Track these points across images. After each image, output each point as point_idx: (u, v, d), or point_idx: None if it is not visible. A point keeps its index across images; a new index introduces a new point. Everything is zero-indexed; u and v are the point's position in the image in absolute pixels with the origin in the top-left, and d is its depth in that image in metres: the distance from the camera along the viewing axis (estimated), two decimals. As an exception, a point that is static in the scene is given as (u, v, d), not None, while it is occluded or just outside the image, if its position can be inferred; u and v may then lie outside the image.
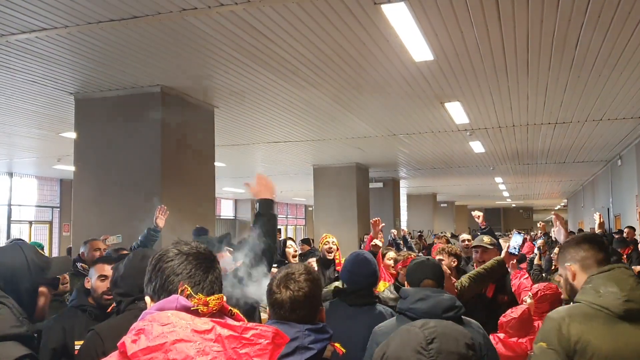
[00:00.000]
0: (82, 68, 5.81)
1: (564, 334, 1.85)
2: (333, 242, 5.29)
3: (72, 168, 6.97)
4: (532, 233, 24.95)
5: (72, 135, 6.98)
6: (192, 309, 1.21)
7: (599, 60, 5.88)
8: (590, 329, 1.84)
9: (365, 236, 12.40)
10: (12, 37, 4.80)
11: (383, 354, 1.37)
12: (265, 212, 2.68)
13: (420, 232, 18.80)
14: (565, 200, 31.21)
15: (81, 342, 2.89)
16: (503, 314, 3.52)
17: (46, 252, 15.58)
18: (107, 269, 3.03)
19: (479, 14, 4.56)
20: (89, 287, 3.09)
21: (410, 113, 8.32)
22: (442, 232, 13.18)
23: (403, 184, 19.18)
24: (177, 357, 1.08)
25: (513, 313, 3.50)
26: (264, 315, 3.27)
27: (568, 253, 2.09)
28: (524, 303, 3.80)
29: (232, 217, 25.70)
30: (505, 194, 25.43)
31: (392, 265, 5.12)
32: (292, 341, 1.72)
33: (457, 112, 8.12)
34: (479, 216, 5.25)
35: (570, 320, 1.87)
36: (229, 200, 25.51)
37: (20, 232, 15.22)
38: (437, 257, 4.50)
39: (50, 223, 16.43)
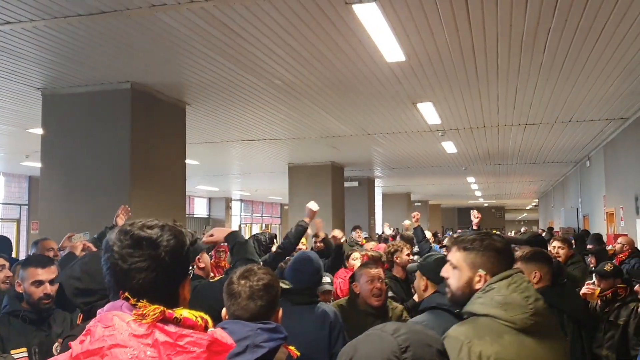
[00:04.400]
0: (49, 63, 5.70)
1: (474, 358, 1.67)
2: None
3: (40, 165, 6.83)
4: (503, 232, 25.38)
5: (40, 131, 6.84)
6: (132, 320, 1.15)
7: (567, 63, 5.99)
8: (503, 348, 1.70)
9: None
10: (-25, 30, 4.68)
11: (350, 358, 1.32)
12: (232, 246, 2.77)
13: (395, 229, 18.91)
14: (537, 200, 31.76)
15: (20, 350, 2.81)
16: None
17: (13, 252, 15.20)
18: (41, 273, 2.90)
19: (449, 16, 4.61)
20: (20, 291, 2.93)
21: (383, 113, 8.37)
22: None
23: (378, 183, 19.30)
24: None
25: None
26: None
27: (489, 261, 1.89)
28: None
29: (205, 216, 25.50)
30: (478, 193, 25.78)
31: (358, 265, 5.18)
32: (243, 340, 1.72)
33: (429, 112, 8.19)
34: (477, 218, 5.34)
35: (478, 341, 1.68)
36: (203, 198, 25.31)
37: (-13, 229, 14.85)
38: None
39: (18, 221, 16.08)
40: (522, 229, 21.47)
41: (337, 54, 5.54)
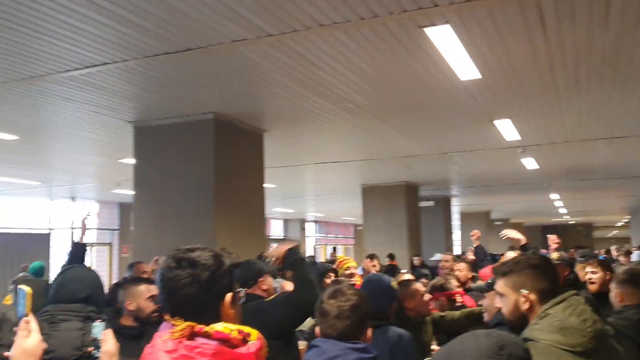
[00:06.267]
0: (140, 98, 6.12)
1: None
2: (354, 267, 5.52)
3: (130, 192, 7.30)
4: (595, 252, 24.09)
5: (131, 161, 7.32)
6: (167, 338, 1.34)
7: (654, 74, 5.72)
8: None
9: (414, 258, 12.32)
10: (75, 72, 5.12)
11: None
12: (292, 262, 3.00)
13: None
14: (629, 217, 29.91)
15: None
16: None
17: (106, 273, 16.22)
18: (154, 289, 3.14)
19: (523, 32, 4.54)
20: (132, 309, 3.11)
21: (459, 131, 8.28)
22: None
23: (455, 202, 18.91)
24: None
25: None
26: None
27: (528, 279, 1.93)
28: None
29: (281, 237, 25.96)
30: (562, 210, 24.64)
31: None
32: (333, 358, 1.81)
33: (507, 129, 8.03)
34: (557, 244, 5.19)
35: None
36: (279, 220, 25.82)
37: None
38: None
39: (110, 245, 17.09)
40: (612, 247, 20.28)
41: (411, 76, 5.59)
